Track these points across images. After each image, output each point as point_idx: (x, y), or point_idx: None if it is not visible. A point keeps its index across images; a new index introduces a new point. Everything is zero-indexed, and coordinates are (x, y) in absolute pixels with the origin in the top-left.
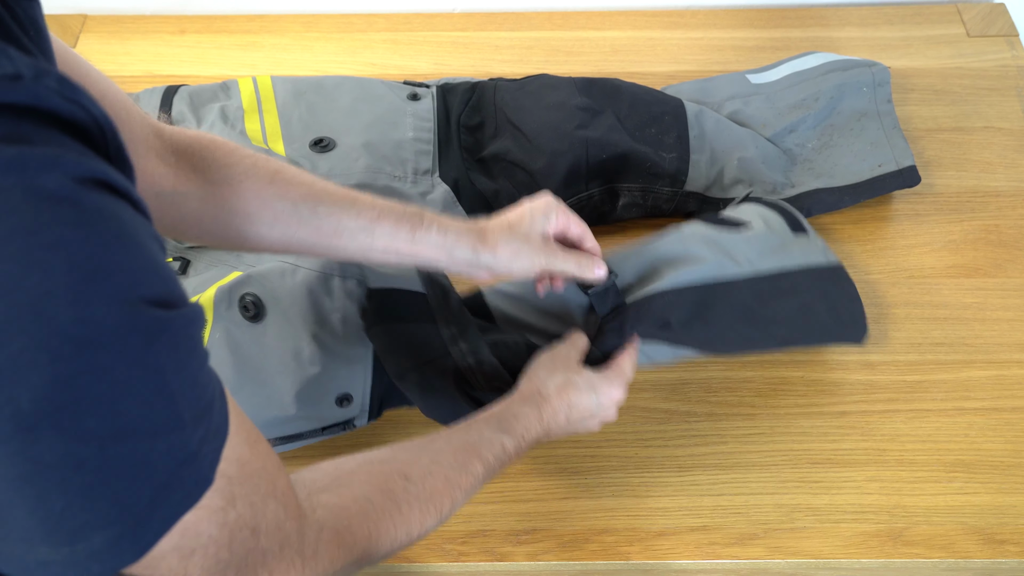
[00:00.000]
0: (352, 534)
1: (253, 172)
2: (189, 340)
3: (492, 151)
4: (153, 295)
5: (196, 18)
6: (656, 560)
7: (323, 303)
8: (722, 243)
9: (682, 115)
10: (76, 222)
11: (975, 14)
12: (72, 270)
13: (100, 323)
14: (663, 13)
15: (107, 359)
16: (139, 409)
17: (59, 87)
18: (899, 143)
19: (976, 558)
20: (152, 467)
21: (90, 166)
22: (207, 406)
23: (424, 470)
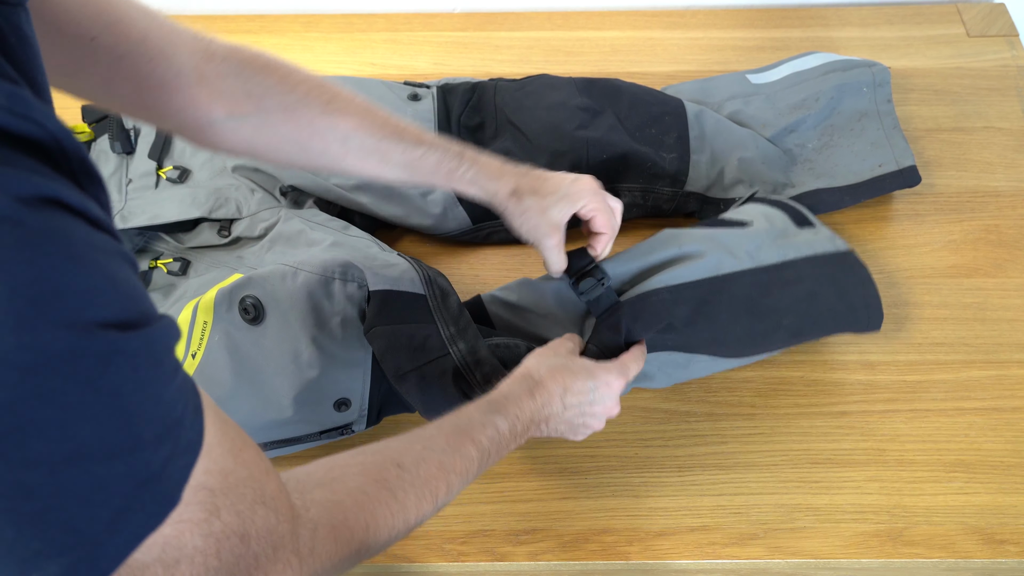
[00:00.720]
0: (349, 528)
1: (306, 101)
2: (151, 358)
3: (493, 151)
4: (108, 317)
5: (196, 18)
6: (656, 560)
7: (323, 306)
8: (719, 239)
9: (682, 115)
10: (19, 244)
11: (975, 14)
12: (14, 295)
13: (45, 348)
14: (663, 13)
15: (54, 384)
16: (92, 432)
17: (8, 103)
18: (899, 143)
19: (976, 558)
20: (108, 490)
21: (38, 184)
22: (174, 423)
23: (417, 457)
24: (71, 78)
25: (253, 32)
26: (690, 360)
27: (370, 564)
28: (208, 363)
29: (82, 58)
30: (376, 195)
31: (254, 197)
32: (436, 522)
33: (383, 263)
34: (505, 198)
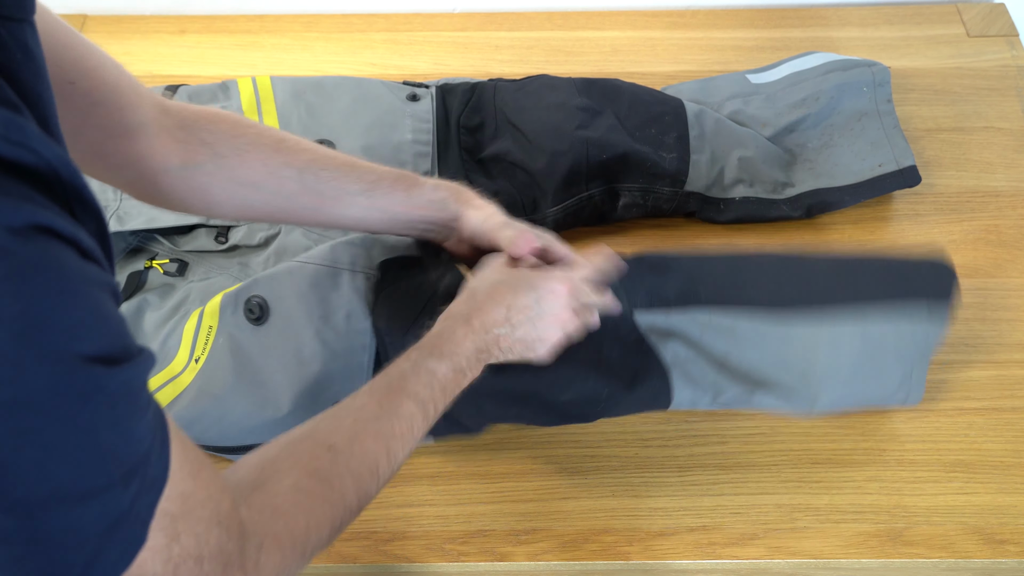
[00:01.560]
0: (290, 533)
1: (258, 141)
2: (129, 395)
3: (492, 152)
4: (93, 351)
5: (196, 18)
6: (656, 560)
7: (330, 299)
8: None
9: (682, 115)
10: (8, 275)
11: (975, 14)
12: (2, 327)
13: (31, 384)
14: (663, 13)
15: (37, 421)
16: (69, 473)
17: (4, 130)
18: (899, 143)
19: (976, 558)
20: (83, 532)
21: (30, 212)
22: (143, 459)
23: (349, 434)
24: None
25: (253, 32)
26: (734, 326)
27: (369, 564)
28: (211, 367)
29: (59, 102)
30: None
31: None
32: (436, 522)
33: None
34: (460, 199)
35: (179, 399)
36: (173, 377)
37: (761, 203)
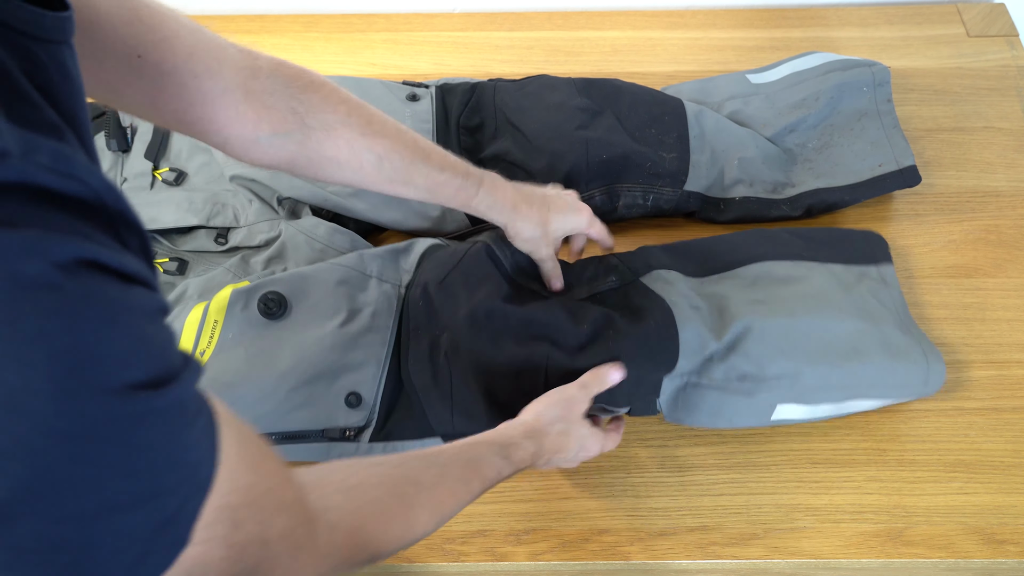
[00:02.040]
0: (365, 534)
1: (347, 121)
2: (179, 411)
3: (492, 152)
4: (141, 378)
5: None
6: (656, 560)
7: (357, 297)
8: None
9: (682, 115)
10: (57, 311)
11: (975, 14)
12: (53, 363)
13: (84, 415)
14: (663, 13)
15: (90, 448)
16: (121, 486)
17: (51, 162)
18: (899, 143)
19: (976, 558)
20: (131, 538)
21: (75, 247)
22: (193, 466)
23: (433, 479)
24: (116, 94)
25: (253, 32)
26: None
27: None
28: (218, 359)
29: (127, 74)
30: (373, 201)
31: (252, 207)
32: None
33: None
34: (513, 232)
35: None
36: None
37: (761, 203)
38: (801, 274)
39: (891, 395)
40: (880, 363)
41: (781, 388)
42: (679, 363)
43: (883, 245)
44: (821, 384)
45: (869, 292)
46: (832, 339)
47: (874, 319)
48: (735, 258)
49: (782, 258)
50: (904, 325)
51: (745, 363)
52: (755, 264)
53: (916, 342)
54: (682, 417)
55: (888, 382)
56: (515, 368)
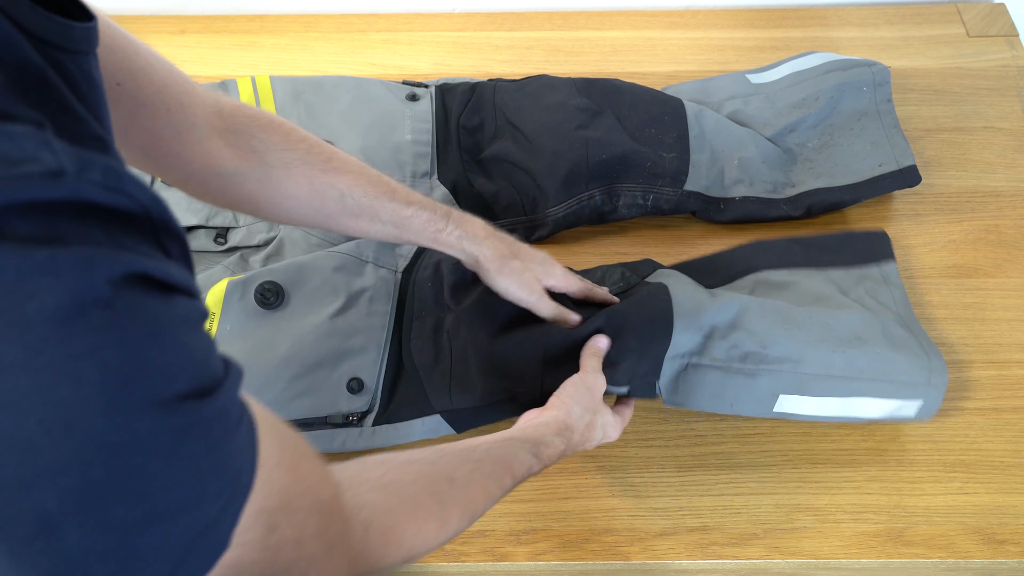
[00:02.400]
0: (399, 532)
1: (308, 159)
2: (222, 418)
3: (492, 152)
4: (187, 389)
5: (196, 18)
6: (656, 560)
7: (353, 282)
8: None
9: (682, 115)
10: (109, 326)
11: (975, 14)
12: (106, 378)
13: (134, 428)
14: (663, 13)
15: (139, 460)
16: (166, 496)
17: (103, 179)
18: (899, 142)
19: (976, 558)
20: (172, 545)
21: (125, 262)
22: (235, 474)
23: (467, 476)
24: None
25: (253, 32)
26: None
27: None
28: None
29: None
30: None
31: None
32: None
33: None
34: (486, 260)
35: None
36: None
37: (761, 203)
38: (798, 281)
39: (894, 393)
40: (882, 352)
41: (783, 374)
42: (675, 336)
43: (885, 241)
44: (823, 372)
45: (867, 293)
46: (834, 325)
47: (875, 314)
48: (733, 271)
49: (779, 266)
50: (904, 322)
51: (748, 340)
52: (752, 274)
53: (915, 338)
54: (682, 400)
55: (890, 375)
56: (515, 343)
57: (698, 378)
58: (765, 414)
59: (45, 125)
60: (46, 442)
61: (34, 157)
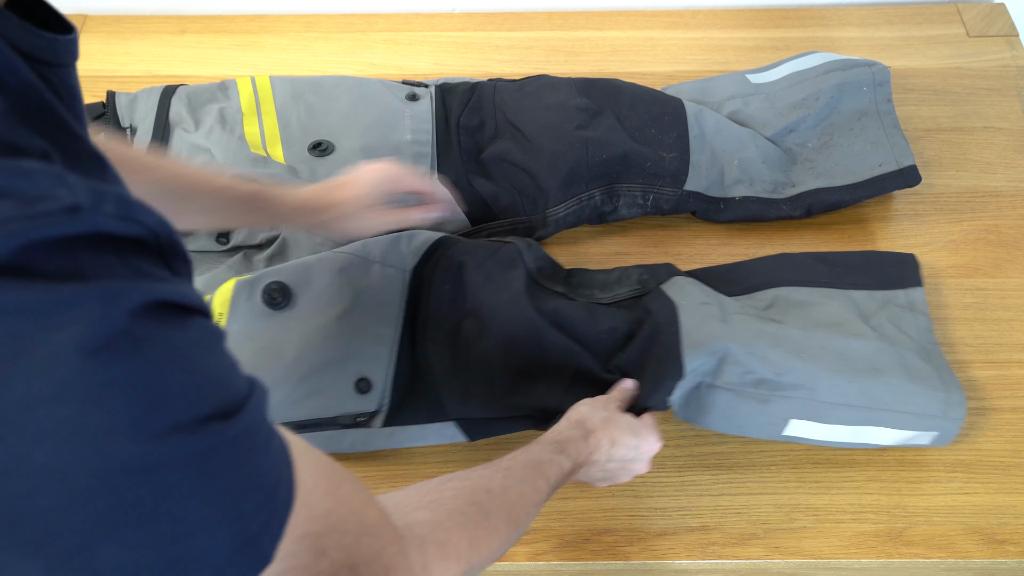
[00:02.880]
0: (455, 544)
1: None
2: (249, 437)
3: (492, 152)
4: (211, 410)
5: (196, 18)
6: (656, 560)
7: (360, 283)
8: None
9: (682, 115)
10: (133, 354)
11: (975, 14)
12: (132, 406)
13: (161, 452)
14: (663, 13)
15: (168, 480)
16: (199, 513)
17: (116, 209)
18: (899, 142)
19: (976, 558)
20: (211, 557)
21: (145, 291)
22: (271, 490)
23: (501, 484)
24: None
25: (253, 32)
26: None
27: None
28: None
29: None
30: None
31: None
32: None
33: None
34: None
35: None
36: None
37: (761, 203)
38: (818, 301)
39: (909, 424)
40: (898, 383)
41: (796, 400)
42: (687, 361)
43: (914, 266)
44: (837, 400)
45: (889, 320)
46: (849, 354)
47: (893, 344)
48: (753, 282)
49: (801, 284)
50: (925, 352)
51: (762, 367)
52: (772, 289)
53: (935, 370)
54: (692, 416)
55: (906, 406)
56: (542, 366)
57: (710, 398)
58: (774, 437)
59: (52, 155)
60: (79, 469)
61: (51, 194)
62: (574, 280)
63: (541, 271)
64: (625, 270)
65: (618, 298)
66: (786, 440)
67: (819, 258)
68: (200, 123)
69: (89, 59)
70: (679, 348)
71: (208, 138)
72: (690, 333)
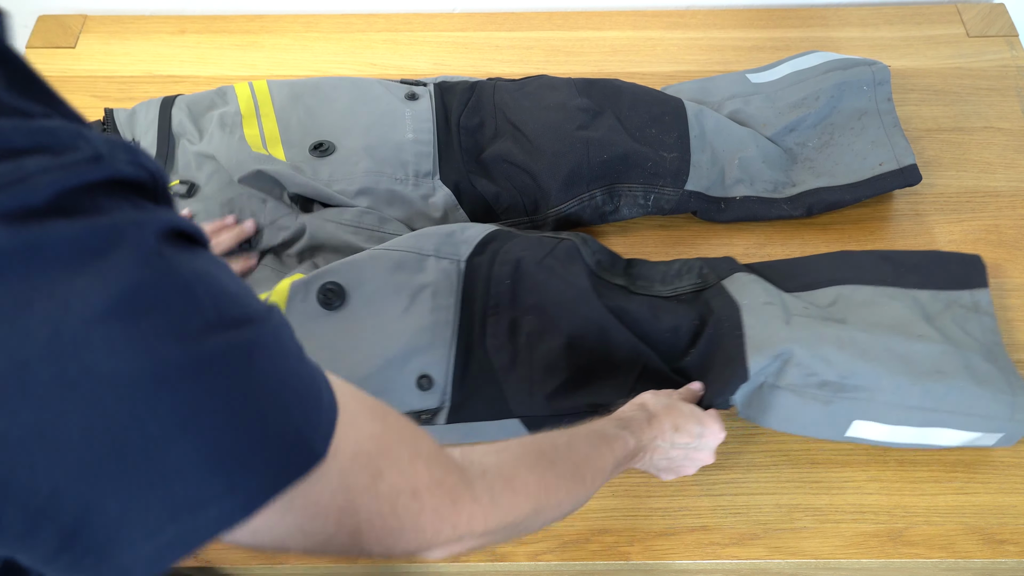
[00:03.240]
0: (523, 481)
1: None
2: (282, 341)
3: (492, 152)
4: (240, 314)
5: (196, 18)
6: (656, 560)
7: (415, 279)
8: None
9: (682, 115)
10: (166, 271)
11: (975, 14)
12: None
13: (202, 349)
14: (663, 13)
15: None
16: (245, 406)
17: (128, 156)
18: (900, 141)
19: (976, 558)
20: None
21: (163, 219)
22: (308, 388)
23: (567, 443)
24: None
25: (253, 32)
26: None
27: (370, 564)
28: None
29: None
30: (377, 199)
31: (266, 206)
32: None
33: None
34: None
35: None
36: None
37: (762, 202)
38: (881, 301)
39: (974, 426)
40: (963, 386)
41: (859, 401)
42: (751, 364)
43: (980, 268)
44: (900, 402)
45: (954, 322)
46: (914, 356)
47: (958, 346)
48: (814, 278)
49: (865, 283)
50: (991, 355)
51: (826, 369)
52: (835, 287)
53: (1001, 372)
54: (754, 416)
55: (971, 408)
56: (609, 366)
57: (772, 399)
58: (837, 438)
59: (52, 116)
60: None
61: (75, 146)
62: (633, 271)
63: (600, 264)
64: (686, 262)
65: (677, 291)
66: (849, 441)
67: (882, 257)
68: (203, 131)
69: (89, 59)
70: (743, 351)
71: (210, 144)
72: (754, 335)
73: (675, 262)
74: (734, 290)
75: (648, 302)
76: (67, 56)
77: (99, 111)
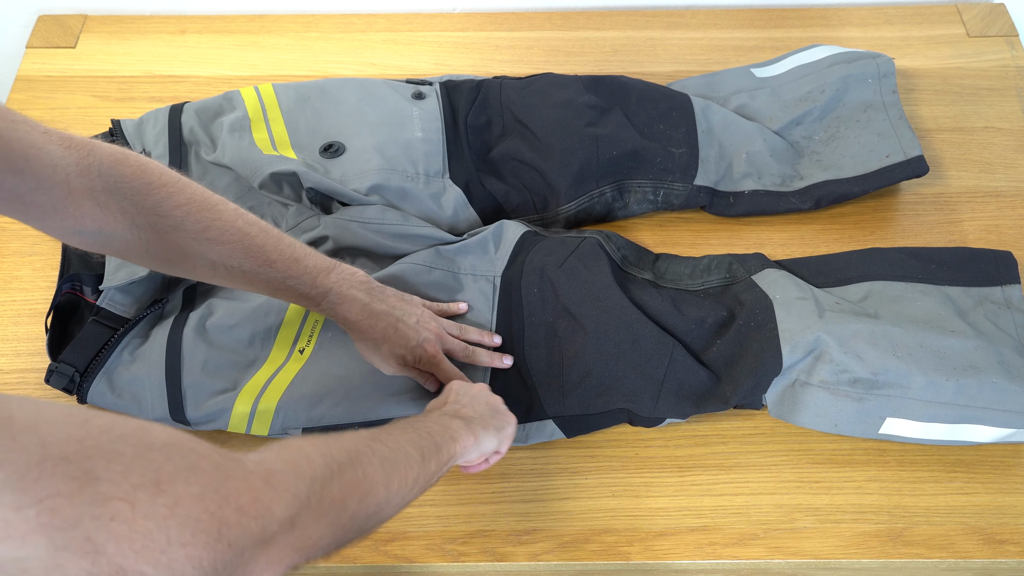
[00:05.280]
0: (299, 451)
1: (180, 227)
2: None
3: (501, 151)
4: None
5: (196, 18)
6: (656, 560)
7: (455, 296)
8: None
9: (689, 110)
10: None
11: (975, 14)
12: None
13: None
14: (663, 13)
15: None
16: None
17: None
18: (906, 133)
19: (976, 558)
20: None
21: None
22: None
23: (369, 433)
24: None
25: (253, 32)
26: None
27: (370, 564)
28: (319, 358)
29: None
30: (389, 197)
31: (289, 211)
32: (436, 522)
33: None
34: (348, 325)
35: (295, 383)
36: (278, 369)
37: (770, 196)
38: (913, 296)
39: (1009, 422)
40: (996, 382)
41: (892, 399)
42: (785, 355)
43: (1012, 264)
44: (934, 398)
45: (986, 317)
46: (947, 352)
47: (991, 341)
48: (846, 275)
49: (896, 279)
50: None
51: (858, 366)
52: (867, 282)
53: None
54: (786, 414)
55: (1005, 404)
56: (634, 365)
57: (804, 396)
58: (870, 435)
59: None
60: None
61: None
62: (662, 266)
63: (626, 259)
64: (715, 258)
65: (706, 286)
66: (882, 439)
67: (912, 253)
68: (216, 140)
69: (89, 59)
70: (778, 342)
71: (224, 154)
72: (787, 328)
73: (704, 257)
74: (765, 285)
75: (670, 297)
76: (67, 56)
77: (99, 111)
